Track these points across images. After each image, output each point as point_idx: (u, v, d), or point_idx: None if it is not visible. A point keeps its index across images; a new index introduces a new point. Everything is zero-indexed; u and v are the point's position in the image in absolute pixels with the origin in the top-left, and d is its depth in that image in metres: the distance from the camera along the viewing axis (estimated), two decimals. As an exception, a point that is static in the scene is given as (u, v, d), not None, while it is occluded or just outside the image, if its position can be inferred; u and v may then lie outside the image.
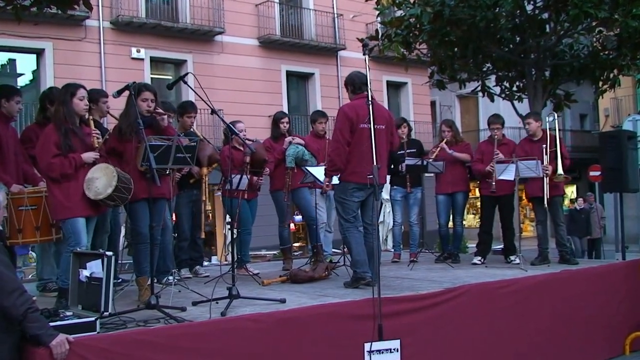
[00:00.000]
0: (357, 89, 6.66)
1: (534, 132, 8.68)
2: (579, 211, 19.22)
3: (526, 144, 8.77)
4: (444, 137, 9.25)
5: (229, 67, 21.88)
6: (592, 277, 7.99)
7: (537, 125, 8.68)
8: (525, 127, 8.83)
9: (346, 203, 6.48)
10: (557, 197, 8.64)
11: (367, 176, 6.01)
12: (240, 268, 7.91)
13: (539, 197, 8.50)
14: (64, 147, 5.50)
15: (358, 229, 6.51)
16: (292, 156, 8.25)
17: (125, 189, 5.54)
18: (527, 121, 8.76)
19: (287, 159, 8.24)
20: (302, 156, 8.33)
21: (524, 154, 8.49)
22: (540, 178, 8.28)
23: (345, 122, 6.43)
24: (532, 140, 8.70)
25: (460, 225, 9.29)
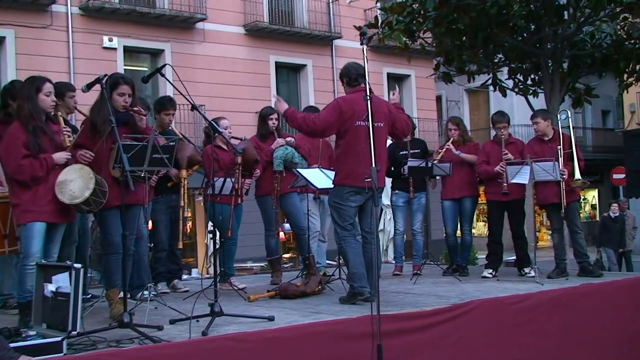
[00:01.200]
0: (353, 82, 6.69)
1: (543, 131, 8.73)
2: (613, 219, 18.42)
3: (536, 145, 8.81)
4: (450, 136, 9.29)
5: (212, 58, 21.89)
6: (616, 291, 8.00)
7: (546, 124, 8.73)
8: (533, 126, 8.86)
9: (342, 209, 6.49)
10: (574, 203, 8.68)
11: (365, 179, 6.02)
12: (224, 282, 7.90)
13: (553, 203, 8.54)
14: (33, 147, 5.48)
15: (355, 238, 6.52)
16: (281, 159, 8.26)
17: (101, 193, 5.53)
18: (534, 120, 8.80)
19: (275, 161, 8.24)
20: (291, 158, 8.35)
21: (534, 155, 8.53)
22: (554, 182, 8.32)
23: (334, 112, 6.44)
24: (543, 140, 8.75)
25: (469, 234, 9.33)
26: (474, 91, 30.47)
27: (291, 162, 8.35)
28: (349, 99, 6.56)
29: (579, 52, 13.44)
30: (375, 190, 5.66)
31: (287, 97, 24.39)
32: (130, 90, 6.02)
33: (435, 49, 14.02)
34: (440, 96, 31.68)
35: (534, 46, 13.27)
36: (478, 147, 9.35)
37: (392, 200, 9.65)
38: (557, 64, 13.28)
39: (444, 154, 9.09)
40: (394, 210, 9.68)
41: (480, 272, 9.05)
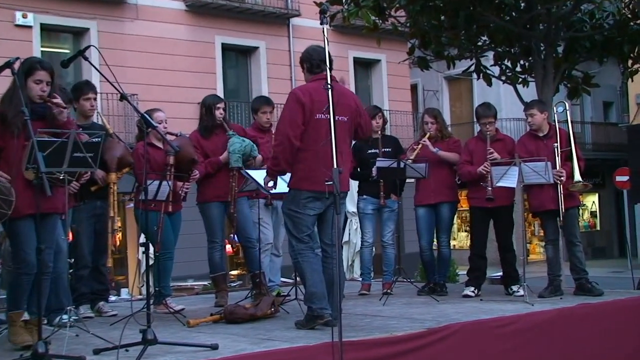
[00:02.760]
0: (315, 68, 6.72)
1: (539, 125, 8.84)
2: None
3: (529, 142, 8.91)
4: (426, 131, 9.35)
5: (146, 39, 21.77)
6: (619, 312, 8.13)
7: (543, 117, 8.84)
8: (528, 119, 8.97)
9: (298, 218, 6.52)
10: (573, 210, 8.81)
11: (325, 182, 6.05)
12: (159, 304, 7.88)
13: (548, 210, 8.65)
14: None
15: (314, 251, 6.55)
16: (239, 152, 8.23)
17: (4, 202, 5.47)
18: (529, 112, 8.91)
19: (232, 156, 8.22)
20: (250, 152, 8.34)
21: (527, 154, 8.64)
22: (550, 185, 8.43)
23: (296, 107, 6.48)
24: (537, 136, 8.86)
25: (447, 246, 9.41)
26: (454, 79, 30.70)
27: (249, 157, 8.34)
28: (308, 89, 6.59)
29: (576, 34, 13.53)
30: (337, 195, 5.68)
31: (236, 86, 24.39)
32: (49, 77, 5.97)
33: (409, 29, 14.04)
34: (416, 85, 31.88)
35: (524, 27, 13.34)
36: (459, 145, 9.43)
37: (359, 207, 9.68)
38: (551, 48, 13.35)
39: (419, 152, 9.14)
40: (361, 218, 9.73)
41: (461, 291, 9.12)
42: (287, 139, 6.44)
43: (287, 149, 6.46)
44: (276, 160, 6.57)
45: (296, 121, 6.46)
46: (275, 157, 6.59)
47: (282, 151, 6.50)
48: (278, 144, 6.56)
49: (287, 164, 6.53)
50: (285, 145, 6.46)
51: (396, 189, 9.43)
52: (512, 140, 9.35)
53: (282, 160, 6.51)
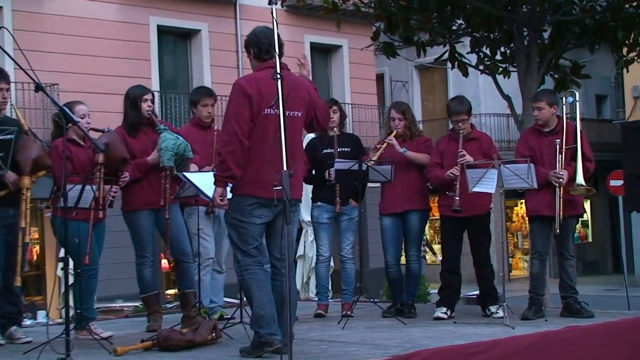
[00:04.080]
0: (264, 54, 6.71)
1: (546, 120, 8.88)
2: None
3: (533, 138, 8.98)
4: (392, 128, 9.37)
5: (69, 19, 21.59)
6: (610, 335, 8.20)
7: (552, 111, 8.87)
8: (534, 113, 8.95)
9: (244, 228, 6.52)
10: (572, 219, 8.94)
11: (274, 187, 6.05)
12: (82, 329, 7.83)
13: (542, 217, 8.76)
14: None
15: (262, 267, 6.56)
16: (173, 150, 8.19)
17: None
18: (536, 105, 8.88)
19: (164, 154, 8.18)
20: (183, 152, 8.31)
21: (529, 151, 8.74)
22: (549, 188, 8.50)
23: (242, 101, 6.47)
24: (542, 132, 8.92)
25: (417, 260, 9.44)
26: (426, 69, 30.85)
27: (183, 157, 8.30)
28: (254, 79, 6.59)
29: (564, 18, 13.62)
30: (287, 201, 5.69)
31: (174, 75, 24.28)
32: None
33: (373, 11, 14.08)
34: (382, 75, 31.96)
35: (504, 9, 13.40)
36: (430, 144, 9.46)
37: (313, 215, 9.68)
38: (535, 33, 13.42)
39: (384, 152, 9.17)
40: (316, 229, 9.73)
41: (432, 312, 9.15)
42: (236, 137, 6.42)
43: (237, 149, 6.43)
44: (224, 164, 6.50)
45: (243, 116, 6.45)
46: (223, 162, 6.53)
47: (230, 153, 6.45)
48: (225, 145, 6.52)
49: (238, 168, 6.46)
50: (234, 146, 6.43)
51: (356, 194, 9.43)
52: (490, 140, 9.41)
53: (231, 164, 6.45)
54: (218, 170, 6.67)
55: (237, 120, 6.45)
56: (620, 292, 19.35)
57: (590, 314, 8.71)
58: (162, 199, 8.18)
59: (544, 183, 8.59)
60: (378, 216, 9.48)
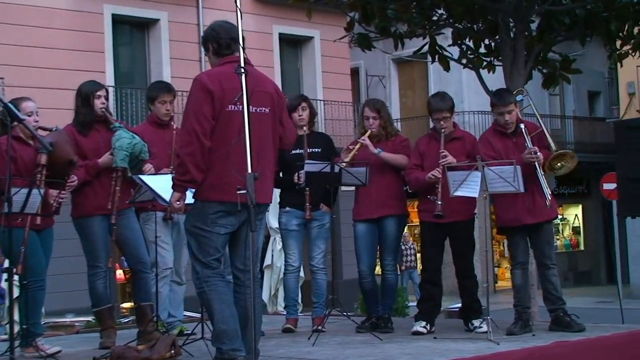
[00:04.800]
0: (224, 49, 6.71)
1: (512, 122, 8.93)
2: None
3: (497, 141, 8.97)
4: (367, 127, 9.37)
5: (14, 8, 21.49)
6: (604, 351, 8.24)
7: (517, 109, 8.99)
8: (505, 118, 8.87)
9: (205, 237, 6.51)
10: (548, 225, 8.95)
11: (238, 191, 6.04)
12: (27, 345, 7.78)
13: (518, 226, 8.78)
14: None
15: (224, 279, 6.56)
16: (127, 150, 8.16)
17: None
18: (507, 108, 8.85)
19: (118, 153, 8.14)
20: (139, 152, 8.29)
21: (496, 155, 8.75)
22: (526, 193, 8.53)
23: (203, 97, 6.46)
24: (505, 134, 8.95)
25: (393, 270, 9.44)
26: (405, 62, 30.85)
27: (138, 158, 8.28)
28: (216, 74, 6.59)
29: (553, 8, 13.65)
30: (252, 207, 5.69)
31: (130, 68, 24.22)
32: None
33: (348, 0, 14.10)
34: (357, 69, 31.98)
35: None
36: (408, 144, 9.47)
37: (281, 222, 9.65)
38: (522, 24, 13.48)
39: (357, 154, 9.17)
40: (284, 236, 9.72)
41: (410, 327, 9.17)
42: (196, 137, 6.40)
43: (197, 150, 6.41)
44: (183, 167, 6.48)
45: (204, 114, 6.44)
46: (181, 164, 6.50)
47: (190, 154, 6.43)
48: (185, 145, 6.50)
49: (198, 171, 6.43)
50: (194, 146, 6.41)
51: (328, 198, 9.44)
52: (474, 139, 9.41)
53: (191, 166, 6.42)
54: (176, 173, 6.65)
55: (197, 118, 6.43)
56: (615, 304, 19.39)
57: (581, 327, 8.72)
58: (110, 202, 8.14)
59: None
60: (352, 222, 9.46)
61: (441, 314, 9.51)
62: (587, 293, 29.90)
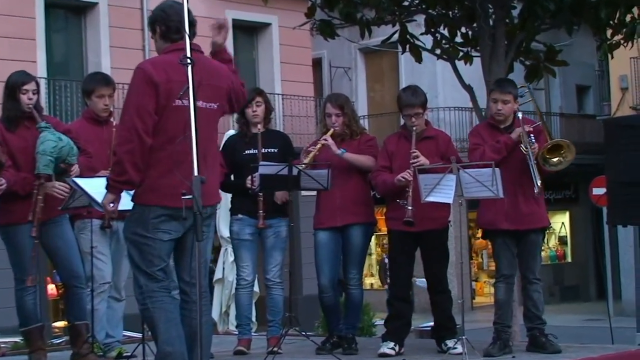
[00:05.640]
0: (173, 33, 6.68)
1: (508, 116, 8.98)
2: None
3: (487, 135, 9.03)
4: (329, 125, 9.38)
5: None
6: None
7: (515, 107, 8.99)
8: (497, 106, 8.95)
9: (147, 245, 6.49)
10: (536, 234, 9.00)
11: (183, 195, 6.02)
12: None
13: (502, 231, 8.81)
14: None
15: (170, 294, 6.55)
16: (52, 155, 8.12)
17: None
18: (504, 97, 8.91)
19: (41, 159, 8.10)
20: (67, 154, 8.25)
21: None
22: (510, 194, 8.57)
23: (146, 90, 6.44)
24: (497, 128, 9.00)
25: (358, 285, 9.45)
26: (373, 52, 30.94)
27: (66, 161, 8.23)
28: (162, 63, 6.56)
29: (536, -7, 13.78)
30: (199, 212, 5.67)
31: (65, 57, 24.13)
32: None
33: (308, -19, 14.10)
34: (320, 59, 32.00)
35: (465, -19, 13.54)
36: (375, 144, 9.50)
37: (233, 230, 9.64)
38: (503, 10, 13.53)
39: (318, 154, 9.18)
40: (237, 247, 9.68)
41: (377, 348, 9.19)
42: (136, 134, 6.38)
43: (137, 149, 6.38)
44: (120, 166, 6.46)
45: (146, 108, 6.42)
46: (118, 162, 6.48)
47: (128, 152, 6.40)
48: (123, 142, 6.46)
49: (136, 172, 6.42)
50: (133, 144, 6.38)
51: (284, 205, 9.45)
52: (448, 139, 9.45)
53: (128, 165, 6.40)
54: (112, 173, 6.62)
55: (138, 113, 6.40)
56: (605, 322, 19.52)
57: (556, 348, 8.79)
58: (31, 213, 8.08)
59: (506, 149, 8.68)
60: (312, 231, 9.46)
61: (411, 334, 9.52)
62: (575, 310, 30.07)
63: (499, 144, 8.71)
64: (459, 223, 8.75)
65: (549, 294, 30.58)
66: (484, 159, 8.54)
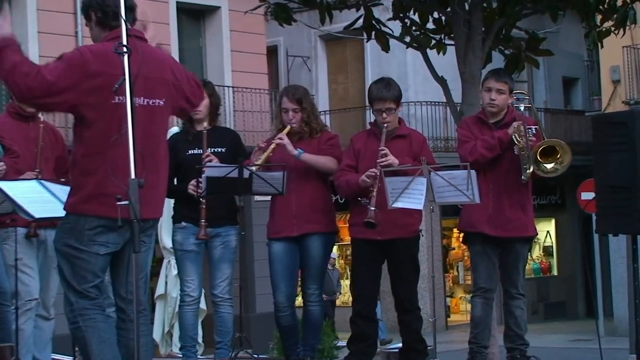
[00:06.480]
0: (111, 20, 6.67)
1: (501, 109, 9.07)
2: None
3: (477, 128, 9.13)
4: (285, 122, 9.41)
5: None
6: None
7: (510, 100, 9.09)
8: (491, 96, 9.03)
9: (81, 260, 6.49)
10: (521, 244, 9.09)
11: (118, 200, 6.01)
12: None
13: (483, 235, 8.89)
14: None
15: (104, 312, 6.56)
16: None
17: None
18: (499, 86, 9.01)
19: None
20: None
21: (473, 138, 8.81)
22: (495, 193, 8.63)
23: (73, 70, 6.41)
24: (487, 123, 9.08)
25: (318, 302, 9.48)
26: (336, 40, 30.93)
27: None
28: (102, 52, 6.52)
29: (517, -26, 13.86)
30: (137, 222, 5.67)
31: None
32: None
33: (262, -38, 14.14)
34: (276, 47, 32.00)
35: (438, -39, 13.61)
36: (336, 143, 9.51)
37: (176, 240, 9.64)
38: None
39: (272, 155, 9.17)
40: (181, 259, 9.70)
41: (339, 372, 9.23)
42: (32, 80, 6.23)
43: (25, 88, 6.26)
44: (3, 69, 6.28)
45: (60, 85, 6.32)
46: (6, 73, 6.27)
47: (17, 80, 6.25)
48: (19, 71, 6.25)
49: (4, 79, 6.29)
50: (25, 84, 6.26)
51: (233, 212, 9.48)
52: (422, 139, 9.48)
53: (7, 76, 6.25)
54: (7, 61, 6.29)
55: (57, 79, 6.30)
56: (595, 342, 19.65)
57: None
58: None
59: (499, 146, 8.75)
60: (266, 241, 9.47)
61: (377, 356, 9.54)
62: (562, 329, 30.18)
63: (493, 140, 8.74)
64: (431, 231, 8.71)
65: (532, 311, 30.68)
66: (474, 155, 8.59)
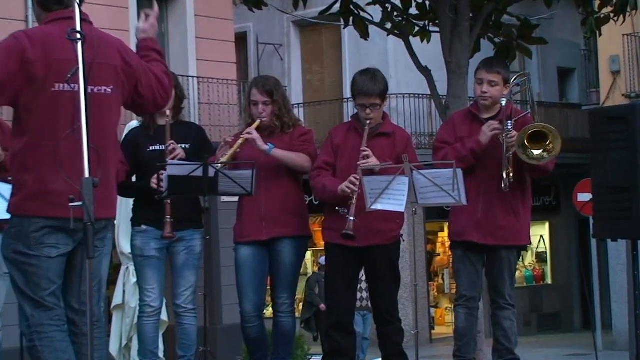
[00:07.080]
0: (52, 4, 6.65)
1: (494, 102, 9.07)
2: None
3: (463, 125, 9.16)
4: (255, 116, 9.39)
5: None
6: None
7: (504, 92, 9.07)
8: (483, 88, 9.05)
9: (32, 265, 6.47)
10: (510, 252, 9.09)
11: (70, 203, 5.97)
12: None
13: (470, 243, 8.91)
14: None
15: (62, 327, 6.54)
16: None
17: None
18: (491, 77, 9.03)
19: None
20: None
21: (455, 141, 8.89)
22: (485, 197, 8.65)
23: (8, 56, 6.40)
24: (478, 117, 9.11)
25: (290, 312, 9.46)
26: (310, 27, 30.97)
27: None
28: (41, 36, 6.52)
29: (508, -45, 13.90)
30: (91, 223, 5.64)
31: None
32: None
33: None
34: (246, 34, 32.01)
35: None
36: (310, 139, 9.50)
37: (135, 245, 9.64)
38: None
39: (239, 151, 9.17)
40: (140, 265, 9.69)
41: (313, 388, 9.23)
42: None
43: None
44: None
45: None
46: None
47: None
48: None
49: None
50: None
51: (198, 214, 9.46)
52: (408, 138, 9.48)
53: None
54: None
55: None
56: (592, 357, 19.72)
57: None
58: None
59: (472, 157, 8.73)
60: (233, 246, 9.45)
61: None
62: (556, 342, 30.27)
63: (465, 150, 8.72)
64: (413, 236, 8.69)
65: (524, 322, 30.78)
66: None
